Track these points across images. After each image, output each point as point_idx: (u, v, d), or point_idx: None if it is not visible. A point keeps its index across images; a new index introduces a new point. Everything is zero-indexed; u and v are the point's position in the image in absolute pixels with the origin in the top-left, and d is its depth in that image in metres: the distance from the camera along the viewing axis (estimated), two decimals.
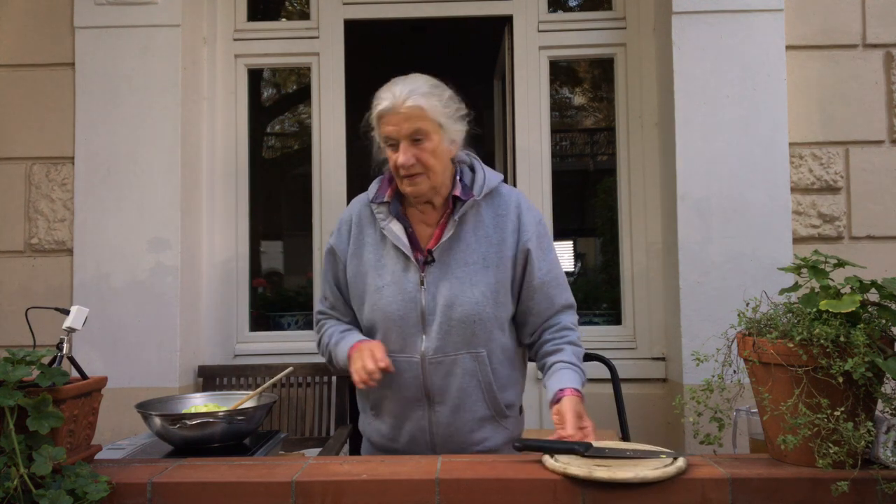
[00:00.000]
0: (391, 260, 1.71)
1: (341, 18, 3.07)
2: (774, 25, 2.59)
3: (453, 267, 1.68)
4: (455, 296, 1.65)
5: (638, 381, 2.83)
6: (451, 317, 1.65)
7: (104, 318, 2.59)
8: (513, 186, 1.84)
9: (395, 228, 1.70)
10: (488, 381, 1.68)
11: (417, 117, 1.62)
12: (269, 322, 3.41)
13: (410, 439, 1.72)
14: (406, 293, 1.67)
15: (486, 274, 1.67)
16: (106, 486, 1.26)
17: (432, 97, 1.64)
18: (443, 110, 1.65)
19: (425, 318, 1.67)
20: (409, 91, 1.63)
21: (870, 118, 2.64)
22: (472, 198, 1.68)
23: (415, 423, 1.71)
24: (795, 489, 1.26)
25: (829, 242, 2.61)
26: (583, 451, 1.35)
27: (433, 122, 1.63)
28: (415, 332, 1.67)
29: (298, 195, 4.33)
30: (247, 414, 1.64)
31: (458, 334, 1.65)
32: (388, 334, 1.70)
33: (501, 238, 1.69)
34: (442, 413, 1.69)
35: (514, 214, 1.72)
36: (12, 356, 1.27)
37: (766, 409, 1.33)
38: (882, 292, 1.30)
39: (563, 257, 8.60)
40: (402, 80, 1.67)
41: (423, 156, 1.64)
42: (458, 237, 1.69)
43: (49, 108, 2.73)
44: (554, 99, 3.13)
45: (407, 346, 1.68)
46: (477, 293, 1.65)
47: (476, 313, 1.65)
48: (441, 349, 1.66)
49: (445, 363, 1.66)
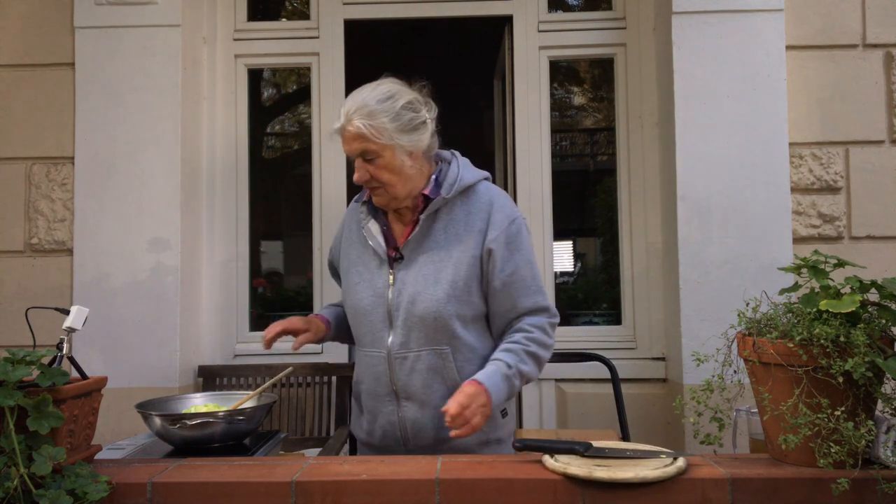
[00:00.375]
0: (368, 257, 1.76)
1: (341, 18, 3.07)
2: (774, 25, 2.58)
3: (420, 264, 1.70)
4: (418, 292, 1.67)
5: (638, 381, 2.83)
6: (413, 313, 1.67)
7: (104, 318, 2.59)
8: (496, 186, 1.81)
9: (372, 227, 1.76)
10: (453, 379, 1.68)
11: (362, 138, 1.63)
12: (270, 322, 3.39)
13: (383, 434, 1.75)
14: (376, 289, 1.72)
15: (452, 272, 1.67)
16: (106, 486, 1.26)
17: (379, 115, 1.63)
18: (392, 126, 1.63)
19: (392, 314, 1.70)
20: (355, 110, 1.63)
21: (870, 118, 2.64)
22: (441, 196, 1.69)
23: (386, 417, 1.74)
24: (795, 489, 1.26)
25: (829, 242, 2.61)
26: (583, 451, 1.36)
27: (380, 141, 1.63)
28: (382, 327, 1.71)
29: (298, 195, 4.33)
30: (247, 414, 1.64)
31: (420, 331, 1.67)
32: (360, 329, 1.76)
33: (470, 235, 1.70)
34: (409, 409, 1.71)
35: (484, 213, 1.71)
36: (12, 356, 1.27)
37: (766, 409, 1.33)
38: (882, 292, 1.30)
39: (562, 257, 8.59)
40: (354, 95, 1.68)
41: (377, 172, 1.66)
42: (427, 235, 1.71)
43: (49, 108, 2.72)
44: (554, 99, 3.13)
45: (376, 340, 1.72)
46: (440, 291, 1.66)
47: (436, 310, 1.66)
48: (405, 345, 1.69)
49: (409, 359, 1.69)
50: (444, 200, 1.70)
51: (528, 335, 1.69)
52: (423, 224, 1.71)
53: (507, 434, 1.79)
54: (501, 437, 1.77)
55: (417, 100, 1.70)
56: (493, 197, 1.75)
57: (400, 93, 1.68)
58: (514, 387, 1.66)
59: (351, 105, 1.65)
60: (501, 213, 1.72)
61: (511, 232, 1.71)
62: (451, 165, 1.76)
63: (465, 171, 1.75)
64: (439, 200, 1.70)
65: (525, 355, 1.67)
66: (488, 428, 1.72)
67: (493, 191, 1.77)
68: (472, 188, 1.75)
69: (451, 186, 1.71)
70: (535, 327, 1.71)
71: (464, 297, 1.68)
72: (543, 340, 1.71)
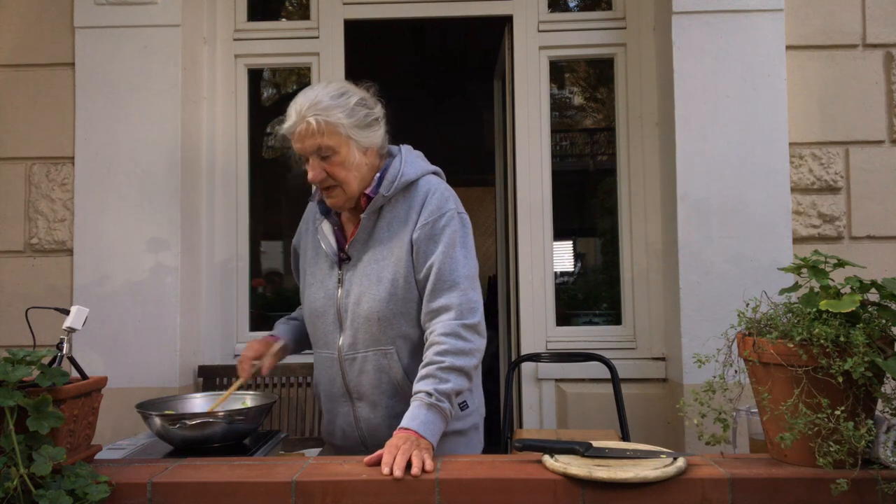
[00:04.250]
0: (321, 259, 1.77)
1: (341, 18, 3.07)
2: (774, 25, 2.58)
3: (365, 264, 1.69)
4: (362, 293, 1.67)
5: (638, 381, 2.83)
6: (359, 314, 1.67)
7: (104, 319, 2.59)
8: (439, 181, 1.75)
9: (324, 227, 1.76)
10: (400, 378, 1.68)
11: (319, 133, 1.61)
12: (269, 322, 3.39)
13: (342, 434, 1.76)
14: (327, 291, 1.72)
15: (392, 270, 1.66)
16: (106, 487, 1.26)
17: (334, 110, 1.62)
18: (347, 121, 1.62)
19: (341, 315, 1.70)
20: (309, 106, 1.61)
21: (870, 118, 2.64)
22: (380, 194, 1.66)
23: (343, 418, 1.75)
24: (795, 489, 1.26)
25: (829, 242, 2.61)
26: (583, 451, 1.36)
27: (337, 136, 1.62)
28: (333, 329, 1.72)
29: (298, 195, 4.33)
30: (247, 414, 1.64)
31: (366, 331, 1.67)
32: (314, 330, 1.77)
33: (406, 232, 1.67)
34: (362, 409, 1.72)
35: (418, 207, 1.67)
36: (12, 356, 1.27)
37: (766, 409, 1.33)
38: (882, 292, 1.30)
39: (562, 257, 8.59)
40: (304, 94, 1.66)
41: (333, 170, 1.64)
42: (371, 234, 1.70)
43: (49, 108, 2.72)
44: (554, 99, 3.13)
45: (328, 342, 1.73)
46: (382, 290, 1.66)
47: (378, 310, 1.65)
48: (353, 346, 1.69)
49: (357, 360, 1.69)
50: (384, 198, 1.67)
51: (439, 349, 1.57)
52: (366, 223, 1.68)
53: (468, 426, 1.74)
54: (461, 430, 1.72)
55: (368, 98, 1.70)
56: (428, 189, 1.69)
57: (351, 90, 1.67)
58: (445, 409, 1.54)
59: (303, 102, 1.62)
60: (431, 206, 1.67)
61: (438, 225, 1.65)
62: (393, 162, 1.71)
63: (408, 167, 1.70)
64: (379, 198, 1.66)
65: (442, 373, 1.55)
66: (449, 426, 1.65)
67: (432, 183, 1.71)
68: (415, 184, 1.70)
69: (391, 184, 1.67)
70: (445, 336, 1.58)
71: (405, 294, 1.65)
72: (459, 348, 1.58)
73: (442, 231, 1.64)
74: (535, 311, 2.95)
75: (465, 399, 1.75)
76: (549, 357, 2.76)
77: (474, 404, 1.78)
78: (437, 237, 1.64)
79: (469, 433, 1.76)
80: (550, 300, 2.96)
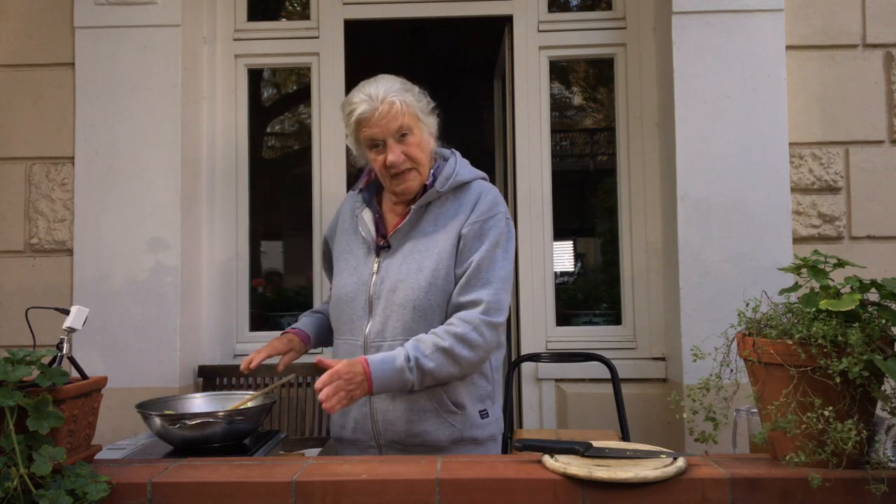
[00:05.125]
0: (357, 246, 1.78)
1: (341, 18, 3.07)
2: (774, 25, 2.58)
3: (406, 253, 1.71)
4: (400, 280, 1.68)
5: (638, 381, 2.83)
6: (393, 301, 1.67)
7: (104, 318, 2.59)
8: (492, 186, 1.80)
9: (365, 216, 1.78)
10: None
11: (400, 114, 1.66)
12: (269, 322, 3.41)
13: (355, 426, 1.74)
14: (360, 277, 1.73)
15: (435, 260, 1.68)
16: (106, 487, 1.26)
17: (407, 93, 1.70)
18: (418, 105, 1.71)
19: (372, 302, 1.70)
20: (385, 90, 1.67)
21: (870, 118, 2.64)
22: (434, 189, 1.71)
23: (358, 409, 1.72)
24: (795, 489, 1.26)
25: (829, 242, 2.61)
26: (583, 451, 1.36)
27: (413, 116, 1.69)
28: (361, 315, 1.71)
29: (298, 195, 4.33)
30: (247, 414, 1.64)
31: (398, 319, 1.67)
32: (339, 316, 1.76)
33: (455, 226, 1.71)
34: (381, 401, 1.70)
35: (469, 205, 1.72)
36: (12, 356, 1.27)
37: (764, 409, 1.33)
38: (882, 292, 1.30)
39: (562, 257, 8.59)
40: (373, 82, 1.71)
41: (411, 150, 1.69)
42: (417, 226, 1.73)
43: (49, 108, 2.72)
44: (554, 99, 3.12)
45: (354, 328, 1.72)
46: (421, 279, 1.67)
47: (416, 299, 1.66)
48: (381, 333, 1.68)
49: (384, 348, 1.67)
50: (436, 194, 1.72)
51: (450, 329, 1.61)
52: (414, 214, 1.72)
53: (486, 436, 1.74)
54: (478, 438, 1.72)
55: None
56: (482, 191, 1.75)
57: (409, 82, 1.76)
58: (407, 380, 1.57)
59: (375, 89, 1.68)
60: (484, 206, 1.72)
61: (487, 224, 1.69)
62: (448, 161, 1.78)
63: (463, 169, 1.77)
64: (432, 193, 1.71)
65: (434, 350, 1.58)
66: (461, 425, 1.69)
67: (484, 186, 1.78)
68: (467, 185, 1.76)
69: (445, 180, 1.72)
70: (463, 321, 1.61)
71: (444, 286, 1.67)
72: (469, 338, 1.60)
73: (489, 230, 1.70)
74: (535, 311, 2.94)
75: (485, 408, 1.75)
76: (549, 357, 2.76)
77: (495, 414, 1.78)
78: (484, 235, 1.69)
79: (486, 444, 1.74)
80: (550, 300, 2.96)
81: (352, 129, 1.72)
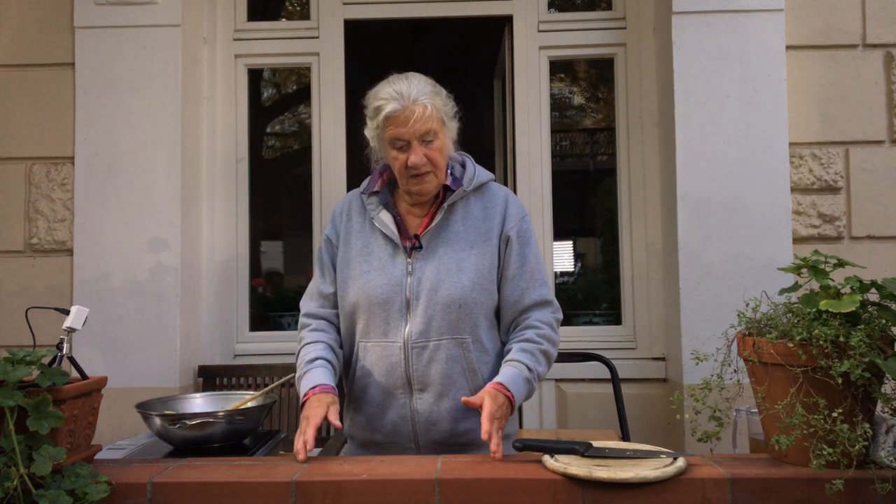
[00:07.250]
0: (378, 247, 1.74)
1: (341, 18, 3.07)
2: (774, 25, 2.59)
3: (440, 252, 1.70)
4: (441, 280, 1.67)
5: (638, 381, 2.83)
6: (436, 301, 1.66)
7: (104, 318, 2.59)
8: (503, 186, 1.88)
9: (384, 217, 1.75)
10: (473, 369, 1.68)
11: (429, 118, 1.65)
12: (269, 322, 3.42)
13: (393, 429, 1.71)
14: (392, 278, 1.70)
15: (474, 260, 1.69)
16: (106, 487, 1.26)
17: (436, 97, 1.69)
18: (444, 109, 1.70)
19: (410, 302, 1.68)
20: (418, 92, 1.65)
21: (870, 118, 2.64)
22: (462, 188, 1.73)
23: (396, 411, 1.70)
24: (795, 489, 1.26)
25: (829, 242, 2.61)
26: (583, 451, 1.36)
27: (440, 121, 1.68)
28: (398, 316, 1.68)
29: (298, 195, 4.33)
30: (247, 414, 1.64)
31: (442, 318, 1.66)
32: (371, 319, 1.71)
33: (489, 227, 1.73)
34: (424, 401, 1.68)
35: (501, 206, 1.76)
36: (12, 356, 1.27)
37: (765, 409, 1.33)
38: (882, 292, 1.30)
39: (562, 257, 8.59)
40: (404, 80, 1.68)
41: (433, 154, 1.68)
42: (446, 225, 1.73)
43: (49, 108, 2.73)
44: (554, 99, 3.13)
45: (390, 330, 1.69)
46: (464, 278, 1.67)
47: (461, 297, 1.66)
48: (424, 334, 1.67)
49: (429, 348, 1.66)
50: (463, 192, 1.74)
51: (539, 332, 1.70)
52: (443, 214, 1.72)
53: (513, 430, 1.79)
54: (509, 433, 1.74)
55: None
56: (507, 193, 1.81)
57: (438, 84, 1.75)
58: (532, 389, 1.68)
59: (406, 88, 1.65)
60: (515, 208, 1.78)
61: (523, 227, 1.76)
62: (467, 163, 1.81)
63: (480, 171, 1.81)
64: (460, 192, 1.73)
65: (540, 355, 1.68)
66: None
67: (502, 188, 1.83)
68: (486, 185, 1.80)
69: (470, 180, 1.74)
70: (544, 324, 1.71)
71: (488, 285, 1.70)
72: (552, 337, 1.72)
73: (528, 231, 1.77)
74: None
75: None
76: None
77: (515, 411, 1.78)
78: (526, 236, 1.76)
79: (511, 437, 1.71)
80: None
81: (378, 125, 1.69)
